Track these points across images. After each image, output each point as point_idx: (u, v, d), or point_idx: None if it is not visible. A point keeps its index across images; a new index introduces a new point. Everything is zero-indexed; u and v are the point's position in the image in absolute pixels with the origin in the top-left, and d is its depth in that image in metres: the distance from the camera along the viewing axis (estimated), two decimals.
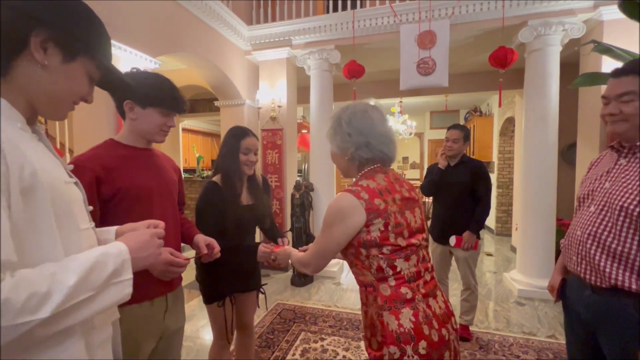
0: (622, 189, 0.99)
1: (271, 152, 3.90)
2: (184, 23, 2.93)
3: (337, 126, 0.99)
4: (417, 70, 3.19)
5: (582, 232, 1.09)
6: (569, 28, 2.95)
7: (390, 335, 0.86)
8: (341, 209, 0.90)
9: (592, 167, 1.20)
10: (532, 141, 3.15)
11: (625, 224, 0.97)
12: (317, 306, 2.95)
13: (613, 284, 1.00)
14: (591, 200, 1.10)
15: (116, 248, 0.61)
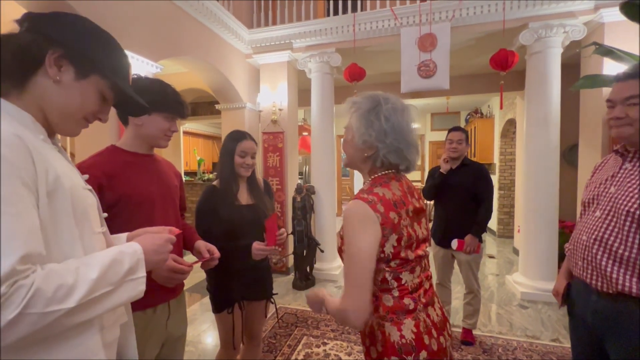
0: (628, 194, 0.99)
1: (272, 155, 3.90)
2: (185, 27, 2.94)
3: (374, 117, 0.86)
4: (418, 73, 3.19)
5: (588, 237, 1.08)
6: (569, 30, 2.95)
7: (391, 346, 0.84)
8: (362, 220, 0.81)
9: (597, 171, 1.19)
10: (533, 143, 3.14)
11: (632, 229, 0.96)
12: None
13: (620, 289, 0.99)
14: (596, 204, 1.10)
15: (131, 248, 0.65)
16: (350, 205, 0.84)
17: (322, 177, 3.80)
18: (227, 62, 3.61)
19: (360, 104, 0.90)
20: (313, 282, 3.59)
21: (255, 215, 1.48)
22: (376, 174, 0.91)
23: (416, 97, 4.57)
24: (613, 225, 1.01)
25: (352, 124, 0.90)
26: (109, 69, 0.68)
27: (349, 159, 0.95)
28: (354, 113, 0.90)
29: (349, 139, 0.92)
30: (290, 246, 3.77)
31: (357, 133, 0.88)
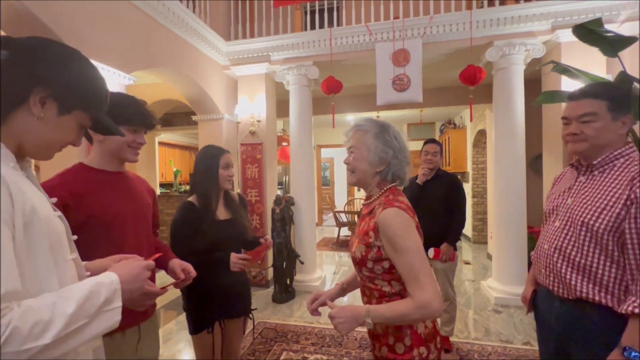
0: (583, 205, 1.06)
1: (251, 167, 3.87)
2: (160, 38, 2.90)
3: (388, 137, 0.99)
4: (392, 86, 3.30)
5: (549, 246, 1.15)
6: (530, 48, 3.16)
7: (419, 337, 0.93)
8: (406, 220, 0.91)
9: (556, 183, 1.27)
10: (501, 153, 3.31)
11: (587, 238, 1.03)
12: (299, 323, 2.90)
13: (579, 296, 1.05)
14: (556, 215, 1.17)
15: (108, 278, 0.65)
16: (391, 212, 0.91)
17: (301, 187, 3.80)
18: (203, 74, 3.58)
19: (370, 126, 1.01)
20: (293, 294, 3.55)
21: (234, 230, 1.47)
22: (386, 186, 1.01)
23: (391, 108, 4.70)
24: (570, 235, 1.08)
25: (366, 142, 0.99)
26: (92, 103, 0.69)
27: (359, 175, 1.02)
28: (366, 134, 1.00)
29: (361, 156, 1.00)
30: (270, 258, 3.72)
31: (374, 150, 0.98)
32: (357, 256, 0.98)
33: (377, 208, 0.96)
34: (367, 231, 0.96)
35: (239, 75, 3.92)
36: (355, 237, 1.04)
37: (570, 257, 1.07)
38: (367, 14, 3.84)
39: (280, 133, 7.06)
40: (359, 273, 1.02)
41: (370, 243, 0.94)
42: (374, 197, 1.01)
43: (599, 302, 1.01)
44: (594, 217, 1.00)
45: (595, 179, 1.07)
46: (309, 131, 3.86)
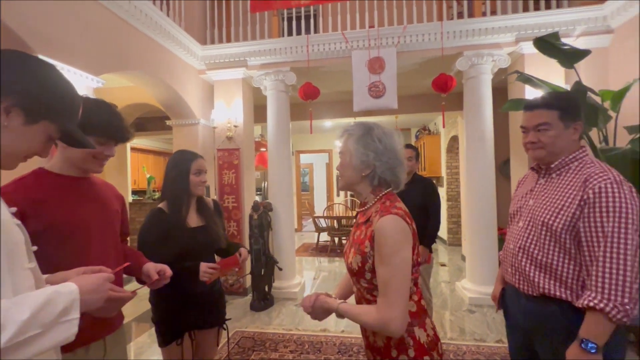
0: (543, 206, 1.12)
1: (227, 173, 3.80)
2: (131, 41, 2.81)
3: (369, 139, 0.95)
4: (368, 93, 3.37)
5: (514, 246, 1.20)
6: (497, 59, 3.34)
7: (422, 347, 0.91)
8: (403, 230, 0.88)
9: (519, 186, 1.34)
10: (472, 158, 3.45)
11: (547, 237, 1.09)
12: (277, 331, 2.86)
13: (542, 292, 1.11)
14: (520, 216, 1.23)
15: (67, 288, 0.63)
16: (388, 220, 0.88)
17: (280, 193, 3.78)
18: (178, 78, 3.50)
19: (354, 130, 0.99)
20: (272, 301, 3.49)
21: (206, 238, 1.43)
22: (381, 192, 0.98)
23: (368, 114, 4.79)
24: (533, 234, 1.14)
25: (348, 147, 0.97)
26: (61, 115, 0.68)
27: (345, 181, 1.01)
28: (349, 138, 0.98)
29: (346, 162, 0.99)
30: (248, 266, 3.65)
31: (355, 154, 0.96)
32: (354, 267, 0.95)
33: (374, 216, 0.92)
34: (364, 240, 0.93)
35: (216, 79, 3.87)
36: (351, 246, 1.00)
37: (533, 255, 1.12)
38: (344, 22, 3.92)
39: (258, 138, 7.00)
40: (356, 284, 0.98)
41: (366, 253, 0.91)
42: (370, 204, 0.98)
43: (560, 297, 1.06)
44: (553, 217, 1.07)
45: (553, 181, 1.14)
46: (287, 137, 3.86)
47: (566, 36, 3.12)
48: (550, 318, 1.10)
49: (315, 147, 8.74)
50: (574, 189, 1.05)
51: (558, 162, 1.13)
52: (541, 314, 1.13)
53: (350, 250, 0.99)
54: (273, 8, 3.64)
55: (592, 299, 0.95)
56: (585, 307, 0.97)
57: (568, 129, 1.11)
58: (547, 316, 1.11)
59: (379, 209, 0.93)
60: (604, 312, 0.93)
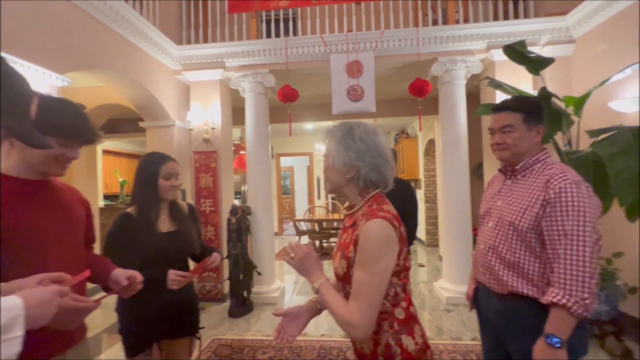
0: (510, 207, 1.16)
1: (205, 176, 3.71)
2: (100, 38, 2.70)
3: (349, 139, 0.91)
4: (347, 96, 3.40)
5: (485, 246, 1.24)
6: (470, 65, 3.46)
7: (409, 355, 0.88)
8: (387, 237, 0.84)
9: (489, 187, 1.38)
10: (447, 161, 3.54)
11: (514, 236, 1.13)
12: (256, 337, 2.80)
13: (510, 290, 1.14)
14: (489, 217, 1.27)
15: (10, 302, 0.57)
16: (373, 225, 0.85)
17: (259, 196, 3.72)
18: (152, 78, 3.39)
19: (335, 131, 0.95)
20: (251, 307, 3.42)
21: (178, 243, 1.37)
22: (369, 194, 0.94)
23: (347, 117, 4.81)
24: (501, 234, 1.17)
25: (330, 150, 0.94)
26: (6, 111, 0.62)
27: (332, 184, 0.97)
28: (331, 140, 0.95)
29: (329, 165, 0.95)
30: (226, 271, 3.57)
31: (336, 157, 0.92)
32: (340, 272, 0.93)
33: (360, 219, 0.90)
34: (349, 245, 0.90)
35: (192, 80, 3.78)
36: (337, 249, 0.98)
37: (501, 254, 1.16)
38: (322, 26, 3.94)
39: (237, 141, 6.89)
40: (343, 289, 0.96)
41: (350, 258, 0.89)
42: (357, 207, 0.95)
43: (527, 294, 1.10)
44: (519, 217, 1.10)
45: (519, 182, 1.18)
46: (266, 139, 3.82)
47: (533, 45, 3.28)
48: (519, 315, 1.14)
49: (296, 150, 8.71)
50: (537, 189, 1.09)
51: (522, 164, 1.17)
52: (510, 311, 1.16)
53: (337, 254, 0.97)
54: (251, 9, 3.61)
55: (555, 295, 0.99)
56: (550, 303, 1.01)
57: (531, 131, 1.16)
58: (516, 313, 1.14)
59: (366, 212, 0.90)
60: (566, 308, 0.97)
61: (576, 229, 0.99)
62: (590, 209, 1.00)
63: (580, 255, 0.98)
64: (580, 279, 0.97)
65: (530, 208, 1.08)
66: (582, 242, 0.98)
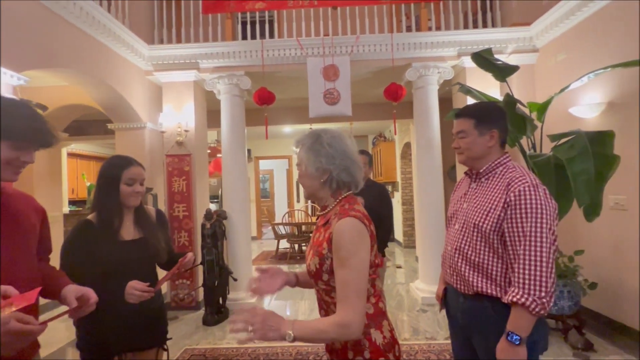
0: (475, 209, 1.20)
1: (178, 180, 3.59)
2: (62, 35, 2.56)
3: (319, 146, 0.97)
4: (324, 100, 3.41)
5: (452, 248, 1.27)
6: (442, 71, 3.57)
7: (377, 349, 0.91)
8: (360, 232, 0.89)
9: (456, 190, 1.42)
10: (422, 163, 3.63)
11: (479, 238, 1.16)
12: (231, 345, 2.73)
13: (476, 291, 1.17)
14: (456, 219, 1.30)
15: None
16: (345, 222, 0.89)
17: (235, 200, 3.65)
18: (121, 78, 3.26)
19: (304, 140, 1.01)
20: (226, 314, 3.34)
21: (143, 252, 1.30)
22: (341, 195, 1.00)
23: (324, 121, 4.84)
24: (467, 236, 1.20)
25: (302, 158, 0.99)
26: None
27: (308, 190, 1.02)
28: (302, 149, 1.00)
29: (303, 172, 1.01)
30: (201, 278, 3.46)
31: (308, 163, 0.98)
32: (312, 269, 0.96)
33: (333, 218, 0.94)
34: (322, 242, 0.94)
35: (164, 81, 3.66)
36: (310, 248, 1.02)
37: (467, 255, 1.19)
38: (299, 29, 3.94)
39: (213, 144, 6.75)
40: (315, 286, 0.99)
41: (324, 255, 0.92)
42: (330, 208, 1.00)
43: (491, 294, 1.13)
44: (482, 218, 1.14)
45: (483, 185, 1.22)
46: (242, 142, 3.76)
47: (500, 53, 3.43)
48: (484, 315, 1.16)
49: (274, 153, 8.64)
50: (499, 192, 1.13)
51: (486, 167, 1.22)
52: (476, 311, 1.19)
53: (309, 252, 1.00)
54: (226, 10, 3.56)
55: (515, 295, 1.02)
56: (510, 303, 1.04)
57: (483, 136, 1.20)
58: (481, 313, 1.17)
59: (338, 211, 0.95)
60: (525, 306, 1.00)
61: (534, 231, 1.03)
62: (547, 211, 1.05)
63: (538, 256, 1.01)
64: (538, 278, 1.01)
65: (493, 210, 1.11)
66: (539, 243, 1.02)
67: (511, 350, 1.02)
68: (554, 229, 1.06)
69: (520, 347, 1.01)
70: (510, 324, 1.04)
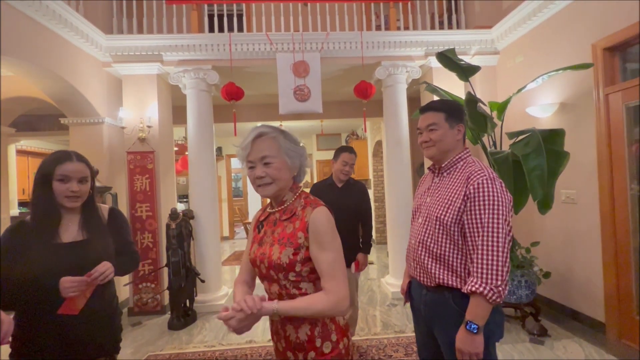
0: (437, 203, 1.22)
1: (140, 178, 3.41)
2: (8, 21, 2.33)
3: (294, 143, 1.00)
4: (294, 96, 3.37)
5: (415, 241, 1.28)
6: (410, 70, 3.65)
7: (341, 330, 0.98)
8: (332, 220, 0.96)
9: (420, 185, 1.45)
10: (391, 161, 3.69)
11: (440, 231, 1.18)
12: (198, 349, 2.63)
13: (438, 282, 1.19)
14: (419, 213, 1.32)
15: None
16: (322, 211, 0.95)
17: (202, 199, 3.52)
18: (74, 69, 3.03)
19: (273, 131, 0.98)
20: (194, 317, 3.22)
21: (83, 256, 1.15)
22: (299, 189, 1.04)
23: (295, 118, 4.81)
24: (430, 229, 1.22)
25: (281, 149, 0.96)
26: None
27: (281, 185, 0.98)
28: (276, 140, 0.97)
29: (283, 165, 0.97)
30: (166, 280, 3.31)
31: (291, 155, 0.98)
32: (284, 261, 0.93)
33: (300, 210, 0.97)
34: (295, 233, 0.94)
35: (124, 74, 3.45)
36: (272, 244, 0.97)
37: (429, 248, 1.21)
38: (269, 24, 3.87)
39: (182, 141, 6.50)
40: (282, 280, 0.95)
41: (299, 244, 0.93)
42: (289, 202, 1.00)
43: (452, 285, 1.16)
44: (444, 211, 1.16)
45: (445, 179, 1.25)
46: (210, 139, 3.63)
47: (464, 54, 3.56)
48: (444, 305, 1.19)
49: None
50: (459, 185, 1.16)
51: (447, 162, 1.25)
52: (437, 302, 1.22)
53: (271, 248, 0.97)
54: (191, 2, 3.41)
55: (474, 284, 1.05)
56: (469, 292, 1.07)
57: (452, 129, 1.24)
58: (442, 304, 1.20)
59: (304, 203, 0.98)
60: (483, 295, 1.03)
61: (491, 222, 1.06)
62: (503, 203, 1.09)
63: (494, 246, 1.05)
64: (494, 268, 1.04)
65: (454, 203, 1.14)
66: (496, 233, 1.06)
67: (469, 339, 1.05)
68: (509, 220, 1.10)
69: (478, 336, 1.05)
70: (469, 313, 1.07)
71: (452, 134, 1.24)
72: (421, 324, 1.36)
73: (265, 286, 1.02)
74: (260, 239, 1.03)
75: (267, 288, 1.02)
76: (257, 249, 1.02)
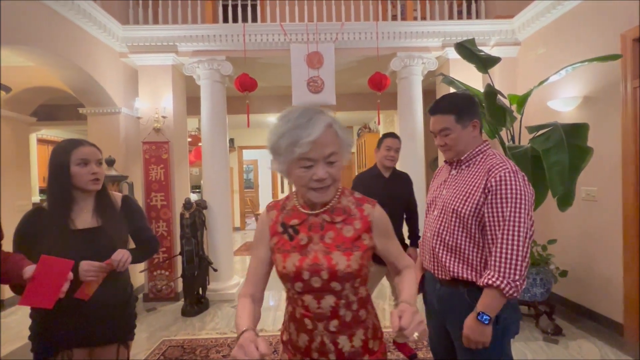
0: (454, 195, 1.20)
1: (155, 168, 3.47)
2: (30, 12, 2.38)
3: (346, 131, 0.95)
4: (307, 88, 3.34)
5: (430, 234, 1.27)
6: (426, 62, 3.56)
7: (381, 330, 0.94)
8: None
9: (435, 178, 1.42)
10: (405, 154, 3.62)
11: (457, 223, 1.16)
12: (210, 336, 2.69)
13: (452, 275, 1.18)
14: (435, 205, 1.30)
15: None
16: (380, 209, 0.91)
17: (216, 190, 3.56)
18: (92, 60, 3.08)
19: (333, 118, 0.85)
20: (206, 305, 3.29)
21: (98, 242, 1.18)
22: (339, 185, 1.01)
23: None
24: (445, 221, 1.20)
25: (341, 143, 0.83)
26: None
27: (338, 185, 0.89)
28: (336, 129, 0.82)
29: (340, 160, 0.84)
30: (180, 268, 3.39)
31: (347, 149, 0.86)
32: (355, 268, 0.81)
33: (356, 209, 0.86)
34: (359, 235, 0.84)
35: (140, 64, 3.49)
36: (327, 252, 0.82)
37: (445, 241, 1.19)
38: (283, 14, 3.83)
39: (195, 132, 6.57)
40: (345, 290, 0.83)
41: (367, 247, 0.84)
42: (334, 201, 0.86)
43: (466, 278, 1.14)
44: (461, 204, 1.14)
45: (463, 172, 1.22)
46: (224, 130, 3.66)
47: (483, 45, 3.45)
48: (459, 299, 1.18)
49: (259, 142, 8.49)
50: (479, 178, 1.13)
51: (466, 155, 1.22)
52: (452, 296, 1.20)
53: (328, 256, 0.82)
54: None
55: (491, 277, 1.04)
56: (485, 285, 1.05)
57: (466, 128, 1.20)
58: (456, 297, 1.18)
59: (354, 200, 0.89)
60: (499, 289, 1.01)
61: (514, 215, 1.04)
62: (526, 197, 1.06)
63: (515, 240, 1.03)
64: (514, 262, 1.02)
65: (472, 195, 1.12)
66: (517, 227, 1.03)
67: (480, 329, 1.04)
68: (531, 214, 1.07)
69: (488, 327, 1.04)
70: (481, 304, 1.05)
71: (466, 133, 1.19)
72: (434, 317, 1.35)
73: (308, 300, 0.82)
74: (301, 247, 0.84)
75: (311, 303, 0.82)
76: (300, 259, 0.82)
